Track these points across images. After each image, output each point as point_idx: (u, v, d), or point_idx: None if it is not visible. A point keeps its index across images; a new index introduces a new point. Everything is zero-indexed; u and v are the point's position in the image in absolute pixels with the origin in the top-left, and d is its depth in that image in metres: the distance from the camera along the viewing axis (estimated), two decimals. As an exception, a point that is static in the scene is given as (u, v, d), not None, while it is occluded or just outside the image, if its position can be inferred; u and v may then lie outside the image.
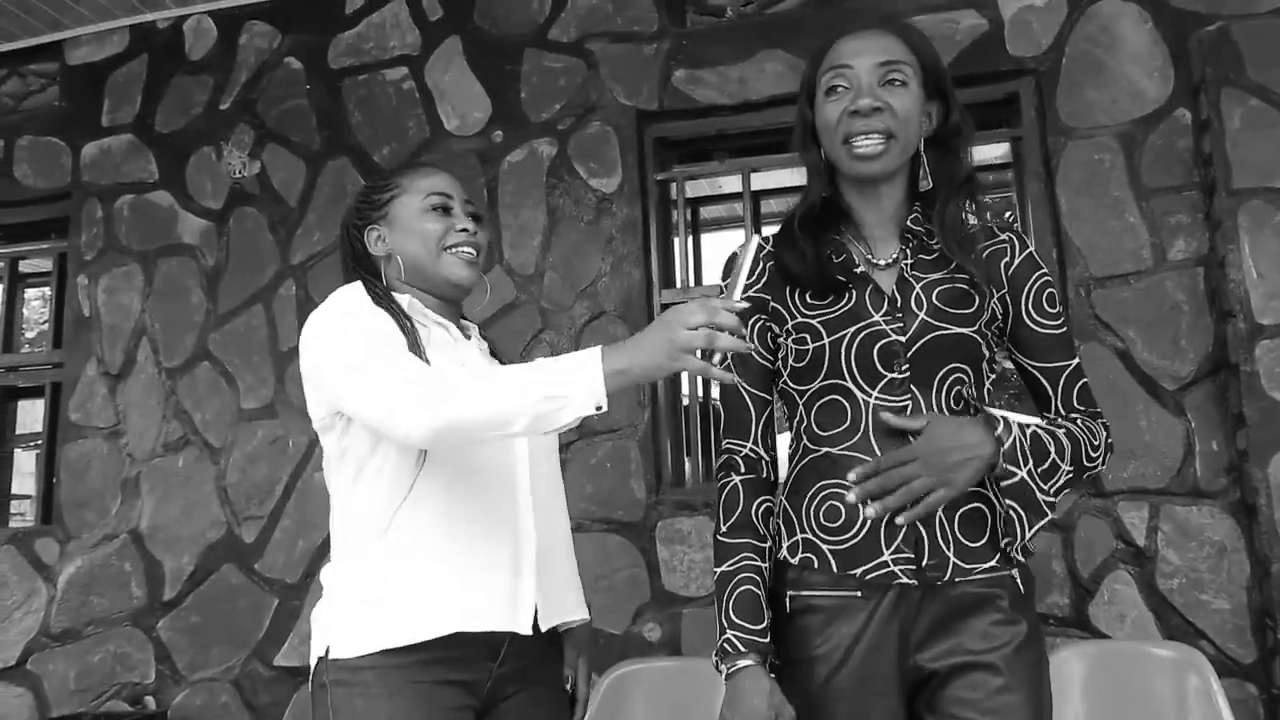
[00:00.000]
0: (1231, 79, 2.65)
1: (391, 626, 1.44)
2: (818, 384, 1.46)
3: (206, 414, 3.35)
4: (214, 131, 3.48)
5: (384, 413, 1.39)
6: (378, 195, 1.67)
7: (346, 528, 1.53)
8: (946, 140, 1.51)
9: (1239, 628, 2.59)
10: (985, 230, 1.53)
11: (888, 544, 1.40)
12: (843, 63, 1.47)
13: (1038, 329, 1.50)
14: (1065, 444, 1.42)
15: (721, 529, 1.49)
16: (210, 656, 3.22)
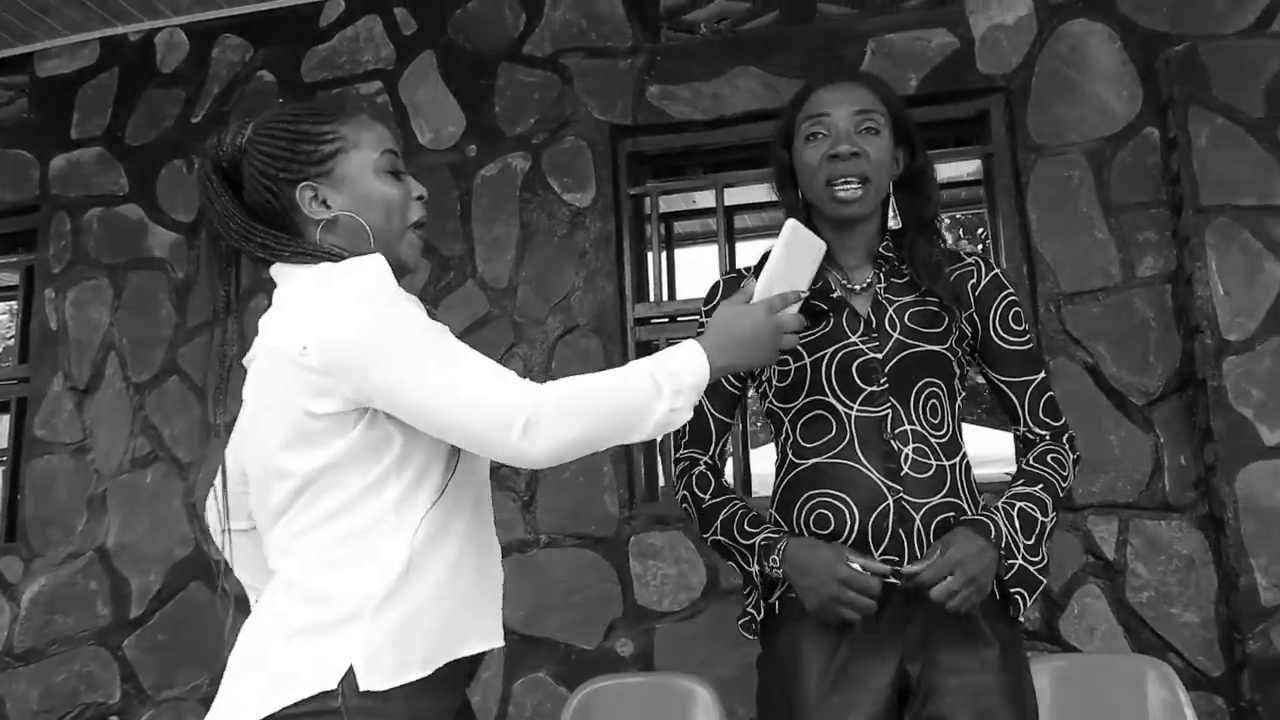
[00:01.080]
0: (1198, 98, 2.69)
1: (423, 652, 1.27)
2: (801, 401, 1.59)
3: (175, 429, 3.31)
4: (185, 144, 3.45)
5: (497, 434, 1.23)
6: (313, 147, 1.38)
7: (350, 532, 1.29)
8: (913, 181, 1.66)
9: (1207, 641, 2.61)
10: (953, 255, 1.67)
11: (876, 546, 1.50)
12: (821, 111, 1.61)
13: (1005, 345, 1.63)
14: (1046, 499, 1.55)
15: (704, 500, 1.63)
16: (177, 676, 3.17)
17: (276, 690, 1.22)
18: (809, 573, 1.47)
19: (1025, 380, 1.62)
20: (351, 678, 1.22)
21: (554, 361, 3.09)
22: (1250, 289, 2.60)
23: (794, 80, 3.05)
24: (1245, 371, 2.57)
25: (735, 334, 1.36)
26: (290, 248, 1.39)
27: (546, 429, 1.24)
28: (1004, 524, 1.49)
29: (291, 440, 1.31)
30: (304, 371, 1.29)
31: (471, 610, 1.35)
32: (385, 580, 1.26)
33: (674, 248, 4.06)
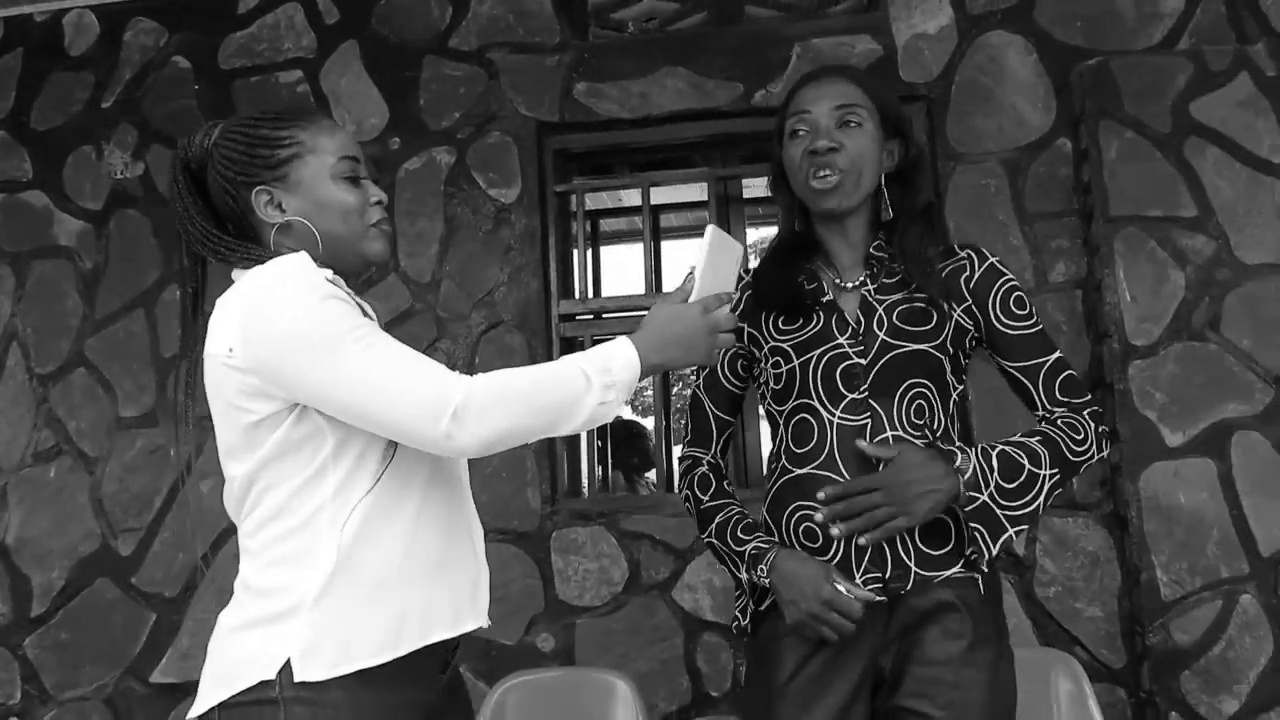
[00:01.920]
0: (1109, 112, 2.78)
1: (371, 643, 1.27)
2: (791, 404, 1.59)
3: (81, 422, 3.20)
4: (94, 130, 3.34)
5: (424, 426, 1.23)
6: (270, 152, 1.39)
7: (294, 528, 1.30)
8: (907, 174, 1.64)
9: (1110, 634, 2.71)
10: (946, 251, 1.64)
11: (858, 564, 1.50)
12: (803, 109, 1.61)
13: (1009, 331, 1.60)
14: (1040, 451, 1.51)
15: (703, 501, 1.65)
16: (81, 675, 3.07)
17: (223, 682, 1.27)
18: (794, 587, 1.49)
19: (1037, 364, 1.58)
20: (289, 669, 1.24)
21: (478, 357, 3.06)
22: (1156, 296, 2.70)
23: (721, 81, 3.08)
24: (1150, 375, 2.67)
25: (668, 333, 1.37)
26: (239, 252, 1.39)
27: (474, 419, 1.24)
28: (976, 459, 1.47)
29: (235, 443, 1.35)
30: (234, 374, 1.30)
31: (430, 596, 1.34)
32: (323, 572, 1.28)
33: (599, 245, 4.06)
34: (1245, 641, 2.55)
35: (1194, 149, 2.75)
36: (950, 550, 1.51)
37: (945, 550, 1.51)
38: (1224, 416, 2.64)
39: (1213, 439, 2.64)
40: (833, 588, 1.46)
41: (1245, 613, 2.56)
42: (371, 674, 1.27)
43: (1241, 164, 2.74)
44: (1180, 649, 2.55)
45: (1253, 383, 2.65)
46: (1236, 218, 2.72)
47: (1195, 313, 2.69)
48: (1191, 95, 2.77)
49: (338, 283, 1.36)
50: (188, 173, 1.44)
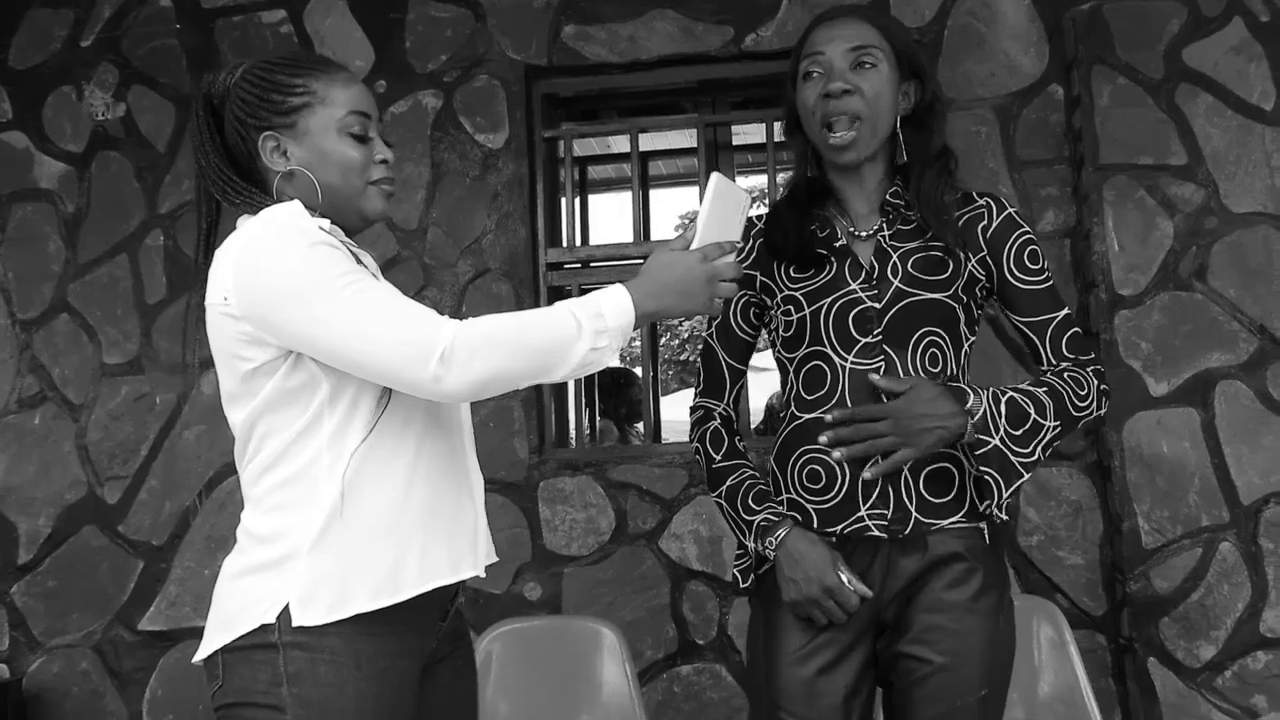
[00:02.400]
0: (1102, 57, 2.76)
1: (368, 588, 1.28)
2: (802, 351, 1.57)
3: (65, 369, 3.18)
4: (75, 70, 3.28)
5: (411, 369, 1.23)
6: (282, 98, 1.39)
7: (292, 475, 1.32)
8: (923, 117, 1.60)
9: (1091, 582, 2.74)
10: (964, 197, 1.61)
11: (864, 501, 1.50)
12: (816, 50, 1.56)
13: (1021, 285, 1.58)
14: (1046, 401, 1.50)
15: (715, 460, 1.62)
16: (69, 622, 3.09)
17: (225, 627, 1.30)
18: (799, 567, 1.48)
19: (1045, 319, 1.57)
20: (287, 614, 1.26)
21: (464, 305, 3.05)
22: (1144, 245, 2.70)
23: (711, 25, 3.04)
24: (1136, 325, 2.67)
25: (664, 280, 1.35)
26: (244, 196, 1.40)
27: (462, 362, 1.24)
28: (987, 401, 1.46)
29: (234, 391, 1.36)
30: (229, 321, 1.31)
31: (428, 544, 1.34)
32: (319, 518, 1.29)
33: (588, 193, 4.03)
34: (1223, 588, 2.58)
35: (1186, 96, 2.73)
36: (952, 499, 1.51)
37: (947, 498, 1.51)
38: (1208, 366, 2.65)
39: (1196, 388, 2.65)
40: (837, 577, 1.46)
41: (1224, 560, 2.59)
42: (369, 620, 1.28)
43: (1233, 111, 2.72)
44: (1160, 596, 2.58)
45: (1237, 332, 2.66)
46: (1226, 166, 2.70)
47: (1182, 262, 2.69)
48: (1184, 41, 2.75)
49: (334, 231, 1.36)
50: (210, 109, 1.43)
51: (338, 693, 1.26)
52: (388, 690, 1.30)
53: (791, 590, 1.49)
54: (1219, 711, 2.54)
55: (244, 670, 1.28)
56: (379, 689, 1.29)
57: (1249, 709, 2.52)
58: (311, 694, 1.26)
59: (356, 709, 1.27)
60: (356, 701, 1.27)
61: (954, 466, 1.51)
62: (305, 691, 1.26)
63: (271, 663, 1.26)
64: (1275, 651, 2.55)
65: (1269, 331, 2.64)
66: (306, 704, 1.25)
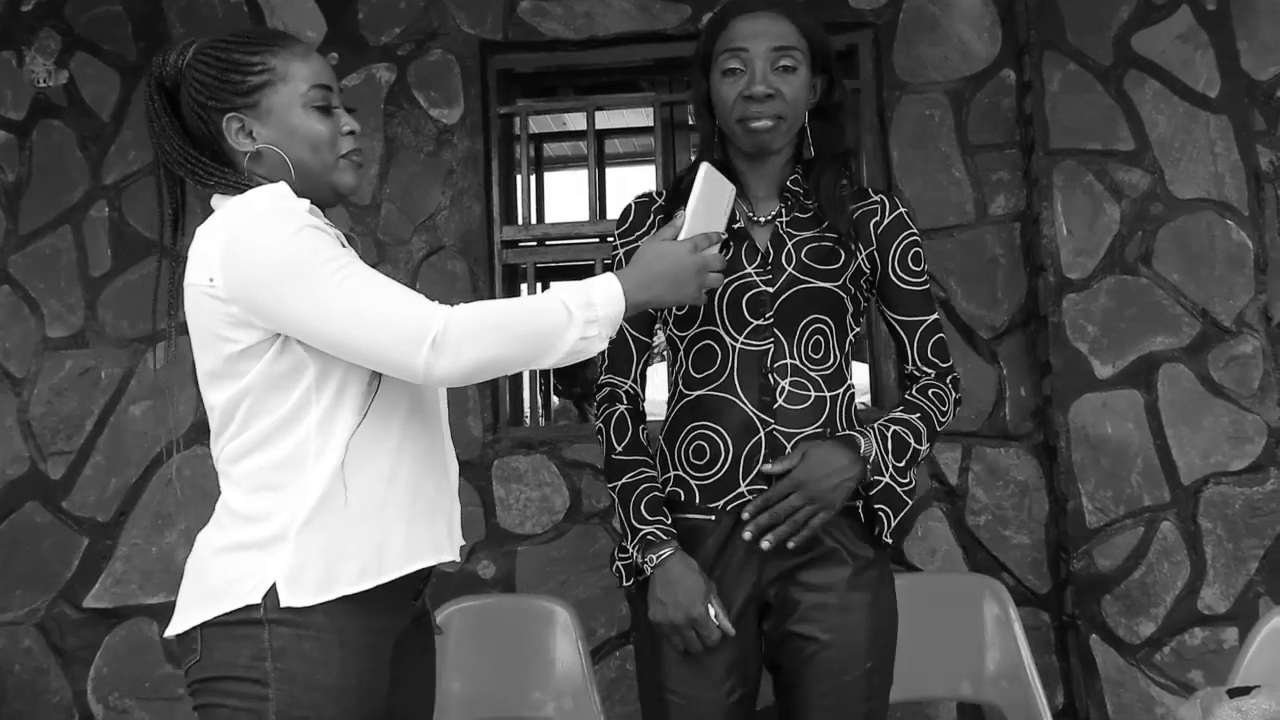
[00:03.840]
0: (1053, 43, 2.79)
1: (354, 570, 1.30)
2: (694, 330, 1.61)
3: (7, 342, 3.11)
4: (15, 35, 3.18)
5: (403, 355, 1.25)
6: (242, 78, 1.37)
7: (280, 457, 1.32)
8: (828, 112, 1.65)
9: (1037, 561, 2.79)
10: (860, 192, 1.67)
11: (744, 477, 1.55)
12: (738, 45, 1.57)
13: (901, 285, 1.65)
14: (921, 428, 1.59)
15: (616, 450, 1.62)
16: (12, 599, 3.03)
17: (208, 601, 1.30)
18: (670, 591, 1.50)
19: (917, 320, 1.65)
20: (274, 594, 1.28)
21: (418, 283, 3.02)
22: (1091, 230, 2.74)
23: (669, 3, 3.02)
24: (1083, 309, 2.72)
25: (656, 270, 1.37)
26: (217, 177, 1.39)
27: (453, 348, 1.25)
28: (875, 442, 1.54)
29: (216, 372, 1.35)
30: (215, 303, 1.31)
31: (410, 527, 1.36)
32: (308, 501, 1.31)
33: (543, 170, 4.01)
34: (1164, 567, 2.64)
35: (1134, 82, 2.77)
36: None
37: None
38: (1152, 349, 2.70)
39: (1140, 371, 2.70)
40: (704, 611, 1.49)
41: (1165, 539, 2.65)
42: (354, 600, 1.30)
43: (1179, 98, 2.76)
44: (1102, 574, 2.64)
45: (1181, 316, 2.71)
46: (1171, 152, 2.75)
47: (1128, 246, 2.73)
48: (1133, 28, 2.78)
49: (316, 213, 1.36)
50: (162, 90, 1.42)
51: (322, 668, 1.28)
52: (368, 666, 1.32)
53: (658, 612, 1.52)
54: (1157, 686, 2.60)
55: (225, 645, 1.28)
56: (360, 664, 1.31)
57: (1186, 684, 2.58)
58: (295, 668, 1.27)
59: (340, 684, 1.29)
60: (340, 677, 1.29)
61: None
62: (289, 666, 1.27)
63: (255, 638, 1.27)
64: (1212, 628, 2.61)
65: (1211, 315, 2.70)
66: (290, 678, 1.26)
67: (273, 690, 1.26)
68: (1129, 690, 2.62)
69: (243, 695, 1.27)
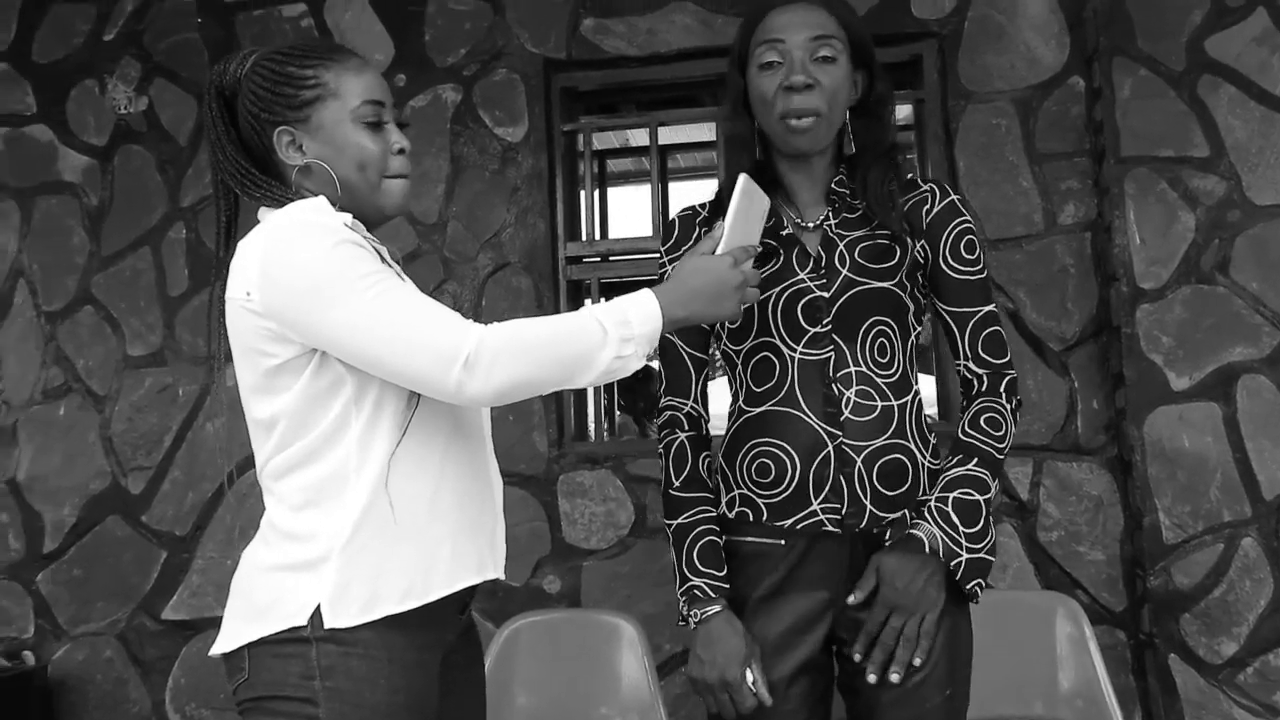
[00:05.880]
0: (1123, 49, 2.74)
1: (398, 589, 1.29)
2: (750, 343, 1.54)
3: (90, 360, 3.22)
4: (97, 64, 3.30)
5: (435, 374, 1.23)
6: (294, 91, 1.36)
7: (322, 475, 1.31)
8: (871, 108, 1.57)
9: (1112, 578, 2.73)
10: (909, 184, 1.59)
11: (815, 494, 1.48)
12: (775, 36, 1.50)
13: (953, 273, 1.56)
14: (983, 475, 1.49)
15: (674, 484, 1.56)
16: (94, 610, 3.12)
17: (254, 621, 1.30)
18: (710, 649, 1.46)
19: (970, 312, 1.55)
20: (319, 615, 1.26)
21: (484, 299, 3.06)
22: (1165, 239, 2.68)
23: (730, 18, 3.03)
24: (1157, 319, 2.66)
25: (694, 286, 1.33)
26: (264, 189, 1.38)
27: (486, 368, 1.23)
28: (939, 526, 1.45)
29: (256, 386, 1.34)
30: (252, 317, 1.30)
31: (454, 545, 1.34)
32: (351, 518, 1.29)
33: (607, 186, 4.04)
34: (1245, 585, 2.56)
35: (1208, 87, 2.71)
36: (906, 490, 1.49)
37: (902, 490, 1.49)
38: (1230, 360, 2.63)
39: (1218, 383, 2.63)
40: (740, 675, 1.44)
41: (1246, 556, 2.57)
42: (400, 617, 1.29)
43: (1255, 102, 2.69)
44: (1181, 592, 2.57)
45: (1260, 326, 2.64)
46: (1249, 158, 2.68)
47: (1204, 255, 2.67)
48: (1207, 32, 2.72)
49: (357, 227, 1.34)
50: (221, 99, 1.42)
51: (370, 686, 1.27)
52: (417, 682, 1.31)
53: (695, 669, 1.47)
54: (1240, 708, 2.52)
55: (273, 664, 1.28)
56: (409, 681, 1.30)
57: (1271, 706, 2.50)
58: (345, 686, 1.26)
59: (389, 701, 1.28)
60: (389, 694, 1.28)
61: (906, 459, 1.50)
62: (338, 684, 1.26)
63: (303, 656, 1.26)
64: (1297, 648, 2.53)
65: (1292, 325, 2.62)
66: (340, 696, 1.26)
67: (322, 709, 1.25)
68: (1211, 712, 2.54)
69: (292, 714, 1.26)
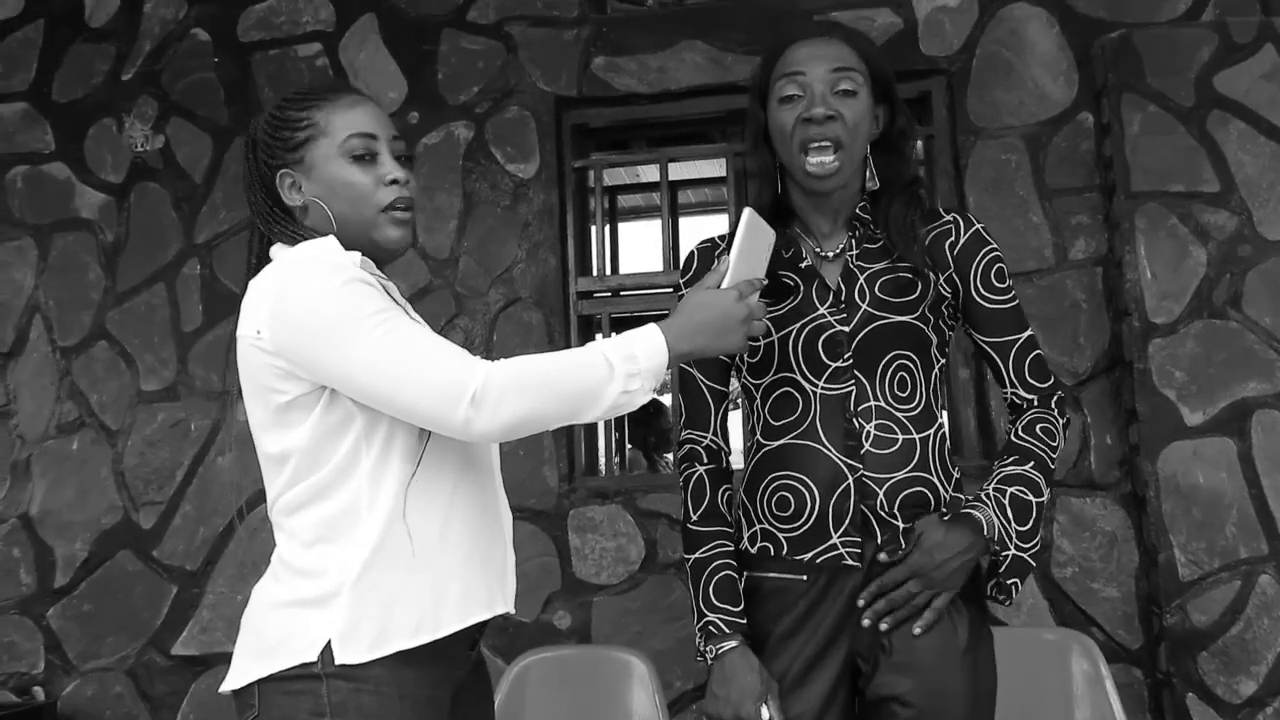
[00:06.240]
0: (1132, 85, 2.75)
1: (408, 625, 1.29)
2: (770, 377, 1.54)
3: (104, 395, 3.23)
4: (115, 102, 3.35)
5: (442, 411, 1.23)
6: (290, 134, 1.40)
7: (332, 511, 1.32)
8: (893, 142, 1.56)
9: (1127, 615, 2.70)
10: (930, 214, 1.58)
11: (835, 528, 1.47)
12: (796, 69, 1.51)
13: (986, 304, 1.56)
14: (1038, 478, 1.49)
15: (692, 518, 1.56)
16: (104, 646, 3.12)
17: (264, 658, 1.30)
18: (726, 685, 1.45)
19: (1009, 340, 1.55)
20: (329, 651, 1.27)
21: (495, 334, 3.07)
22: (1177, 273, 2.67)
23: (740, 56, 3.06)
24: (1170, 354, 2.65)
25: (700, 320, 1.34)
26: (278, 227, 1.41)
27: (492, 404, 1.24)
28: (995, 514, 1.45)
29: (267, 422, 1.36)
30: (263, 355, 1.31)
31: (465, 580, 1.35)
32: (362, 554, 1.30)
33: (618, 221, 4.06)
34: (1263, 622, 2.53)
35: (1217, 123, 2.72)
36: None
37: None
38: (1244, 395, 2.62)
39: (1232, 418, 2.62)
40: (757, 712, 1.43)
41: (1264, 593, 2.54)
42: (411, 652, 1.29)
43: (1265, 138, 2.70)
44: (1198, 630, 2.54)
45: (1273, 361, 2.62)
46: (1260, 193, 2.68)
47: (1216, 290, 2.66)
48: (1215, 68, 2.73)
49: (367, 265, 1.36)
50: (253, 146, 1.45)
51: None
52: (427, 717, 1.31)
53: (710, 705, 1.47)
54: (1259, 748, 2.49)
55: (283, 701, 1.28)
56: (420, 717, 1.30)
57: (1291, 745, 2.47)
58: None
59: None
60: None
61: (929, 491, 1.49)
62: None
63: (314, 692, 1.26)
64: (1317, 687, 2.50)
65: (1306, 360, 2.60)
66: None
67: None
68: (1230, 752, 2.50)
69: None
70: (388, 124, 1.44)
